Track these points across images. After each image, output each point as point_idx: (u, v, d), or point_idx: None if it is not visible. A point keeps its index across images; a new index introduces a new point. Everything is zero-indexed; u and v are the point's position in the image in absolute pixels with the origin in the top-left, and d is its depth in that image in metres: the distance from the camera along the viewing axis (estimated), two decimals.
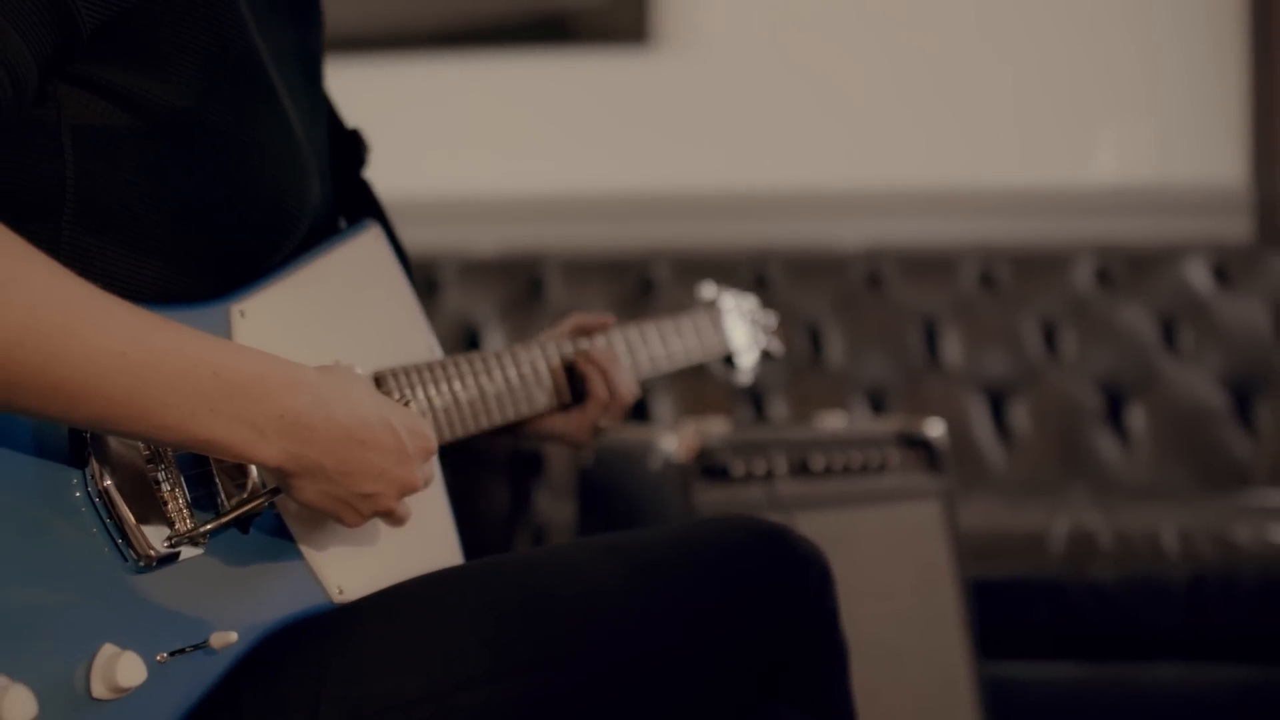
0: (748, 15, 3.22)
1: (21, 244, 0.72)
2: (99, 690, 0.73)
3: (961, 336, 2.94)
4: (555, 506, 2.00)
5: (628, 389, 1.18)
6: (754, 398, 2.88)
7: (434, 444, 0.90)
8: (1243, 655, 2.22)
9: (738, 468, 1.76)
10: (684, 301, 2.81)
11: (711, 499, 1.75)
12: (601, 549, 0.95)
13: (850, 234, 3.15)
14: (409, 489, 0.88)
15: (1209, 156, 3.14)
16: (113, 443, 0.79)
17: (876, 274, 3.03)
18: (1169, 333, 2.90)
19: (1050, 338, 2.93)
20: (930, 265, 3.04)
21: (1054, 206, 3.15)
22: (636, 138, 3.26)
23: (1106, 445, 2.81)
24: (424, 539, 0.96)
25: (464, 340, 2.95)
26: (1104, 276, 2.97)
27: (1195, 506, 2.46)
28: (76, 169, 0.83)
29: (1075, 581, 2.21)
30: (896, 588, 1.88)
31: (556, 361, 1.17)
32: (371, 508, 0.86)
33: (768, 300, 2.85)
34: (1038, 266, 3.01)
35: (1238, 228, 3.08)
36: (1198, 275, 2.93)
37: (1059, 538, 2.25)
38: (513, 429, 1.17)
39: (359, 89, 1.06)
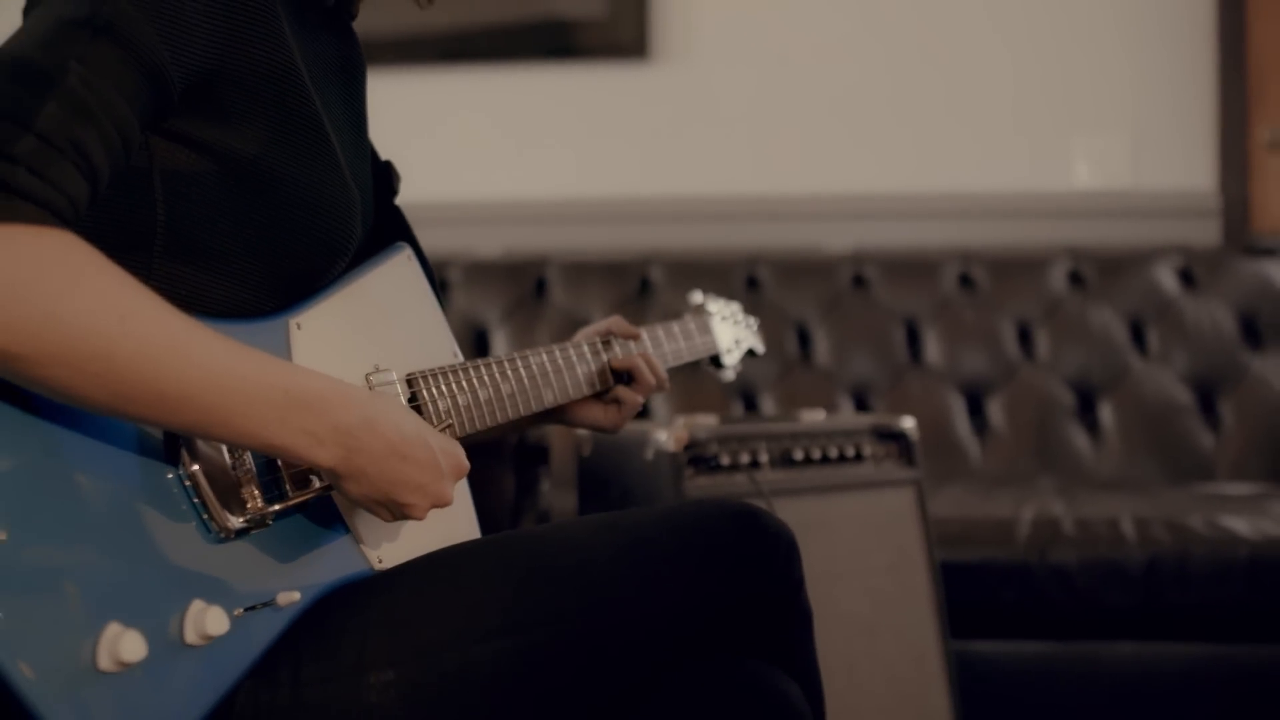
0: (740, 32, 3.25)
1: (135, 282, 0.86)
2: (191, 637, 0.87)
3: (942, 336, 2.97)
4: (558, 493, 2.07)
5: (663, 378, 1.39)
6: (745, 395, 2.92)
7: (466, 465, 1.03)
8: (1195, 634, 2.25)
9: (725, 458, 1.84)
10: (679, 301, 2.92)
11: (700, 486, 1.83)
12: (598, 525, 1.08)
13: (836, 238, 3.18)
14: (440, 503, 1.01)
15: (1179, 166, 3.14)
16: (200, 440, 0.94)
17: (861, 276, 3.05)
18: (1138, 333, 2.92)
19: (1026, 337, 2.96)
20: (912, 268, 3.06)
21: (1030, 212, 3.17)
22: (635, 146, 3.28)
23: (1078, 440, 2.84)
24: (449, 518, 1.10)
25: (470, 337, 3.00)
26: (1077, 279, 2.99)
27: (1154, 496, 2.50)
28: (166, 207, 0.97)
29: (1039, 565, 2.25)
30: (872, 568, 1.93)
31: (599, 356, 1.36)
32: (404, 514, 1.00)
33: (758, 301, 2.98)
34: (1014, 270, 3.03)
35: (1205, 233, 3.10)
36: (1166, 278, 2.96)
37: (1025, 524, 2.30)
38: (549, 418, 1.36)
39: (372, 100, 1.18)
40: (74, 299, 0.81)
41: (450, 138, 3.28)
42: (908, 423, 2.02)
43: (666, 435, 1.83)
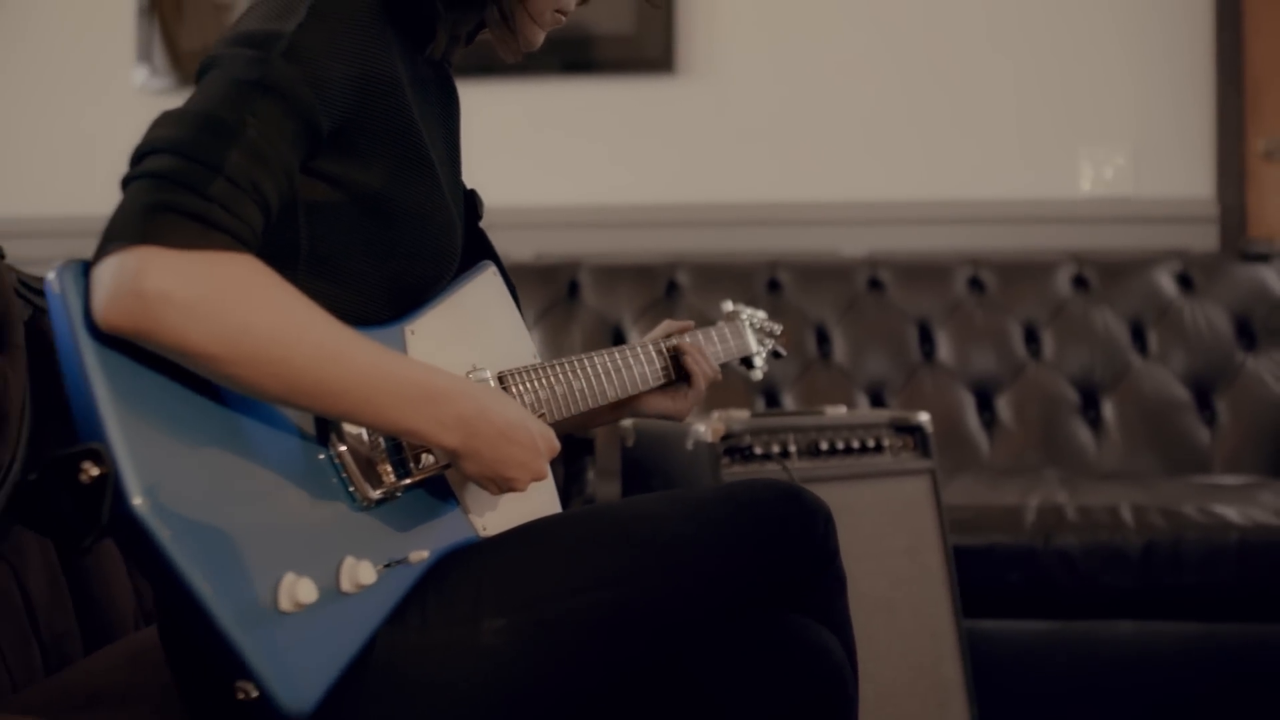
0: (761, 48, 3.35)
1: (304, 297, 1.03)
2: (346, 586, 1.04)
3: (953, 336, 3.05)
4: (602, 482, 2.22)
5: (716, 369, 1.56)
6: (768, 392, 3.03)
7: (558, 446, 1.20)
8: (1188, 614, 2.34)
9: (757, 448, 2.00)
10: (704, 303, 3.05)
11: (735, 474, 1.96)
12: (666, 499, 1.25)
13: (853, 243, 3.28)
14: (538, 478, 1.18)
15: (1178, 175, 3.22)
16: (344, 425, 1.11)
17: (877, 280, 3.12)
18: (1139, 334, 3.00)
19: (1032, 338, 3.03)
20: (925, 272, 3.13)
21: (1037, 219, 3.25)
22: (662, 156, 3.38)
23: (1082, 434, 2.93)
24: (537, 494, 1.28)
25: None
26: (1081, 283, 3.06)
27: (1151, 486, 2.58)
28: (309, 233, 1.14)
29: (1044, 549, 2.34)
30: (890, 551, 2.04)
31: (662, 354, 1.53)
32: (509, 487, 1.17)
33: (779, 303, 3.11)
34: (1021, 273, 3.09)
35: (1203, 239, 3.18)
36: (1165, 282, 3.03)
37: (1031, 511, 2.39)
38: (621, 408, 1.53)
39: None
40: (262, 312, 0.99)
41: (485, 146, 3.34)
42: (923, 417, 2.13)
43: (705, 428, 1.97)
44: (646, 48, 3.36)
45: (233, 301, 0.97)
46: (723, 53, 3.37)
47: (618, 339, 3.13)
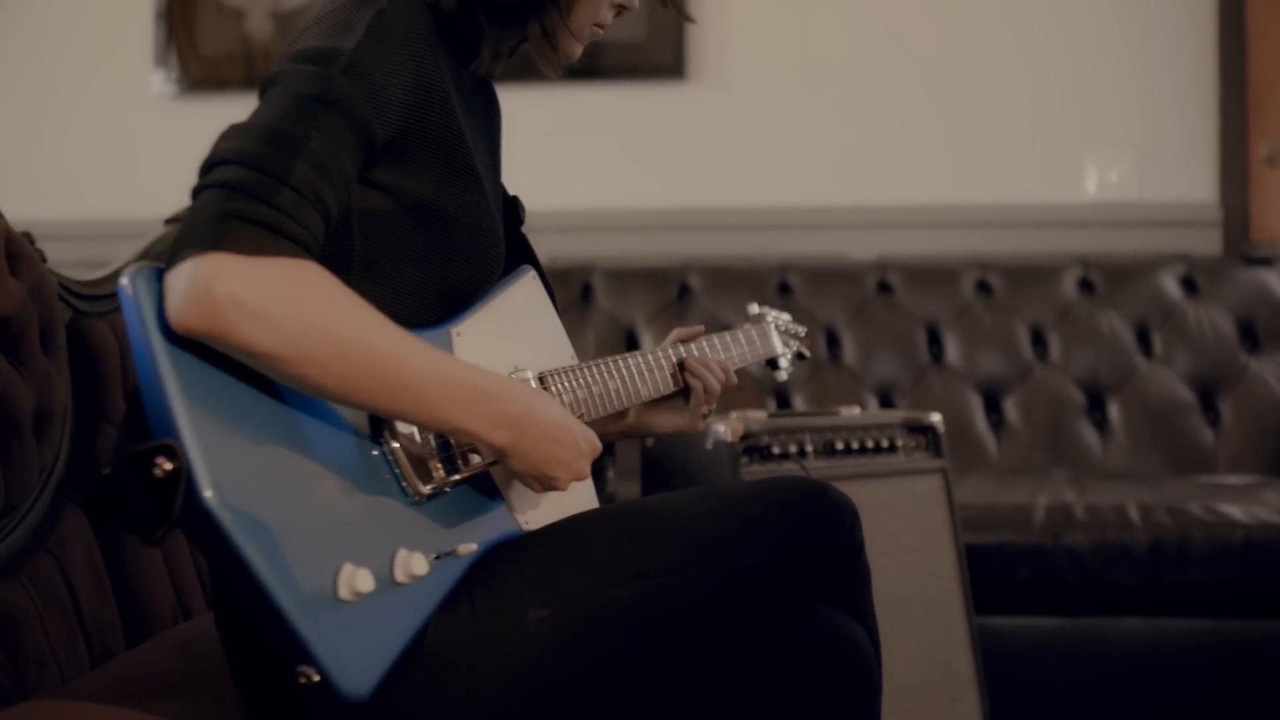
0: (771, 54, 3.38)
1: (364, 301, 1.08)
2: (400, 576, 1.09)
3: (961, 339, 3.08)
4: (622, 482, 2.25)
5: (722, 376, 1.57)
6: (779, 393, 3.07)
7: (599, 447, 1.25)
8: (1194, 610, 2.38)
9: (775, 447, 2.04)
10: (716, 306, 3.08)
11: (754, 473, 2.01)
12: (699, 495, 1.31)
13: (862, 247, 3.31)
14: (580, 477, 1.23)
15: (1182, 180, 3.25)
16: (397, 423, 1.16)
17: (886, 283, 3.16)
18: (1144, 336, 3.03)
19: (1039, 340, 3.07)
20: (933, 275, 3.17)
21: (1043, 223, 3.28)
22: (674, 160, 3.41)
23: (1088, 435, 2.97)
24: (577, 491, 1.33)
25: None
26: (1087, 286, 3.10)
27: (1157, 485, 2.63)
28: (361, 239, 1.19)
29: (1053, 547, 2.39)
30: (904, 547, 2.07)
31: (671, 360, 1.55)
32: (552, 485, 1.22)
33: (789, 306, 3.14)
34: (1028, 277, 3.13)
35: (1207, 243, 3.22)
36: (1170, 285, 3.07)
37: (1040, 509, 2.43)
38: (634, 426, 1.56)
39: None
40: (326, 315, 1.04)
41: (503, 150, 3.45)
42: (935, 418, 2.18)
43: (725, 428, 2.02)
44: (658, 54, 3.39)
45: (299, 305, 1.02)
46: (733, 59, 3.40)
47: (631, 341, 3.17)
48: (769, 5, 3.43)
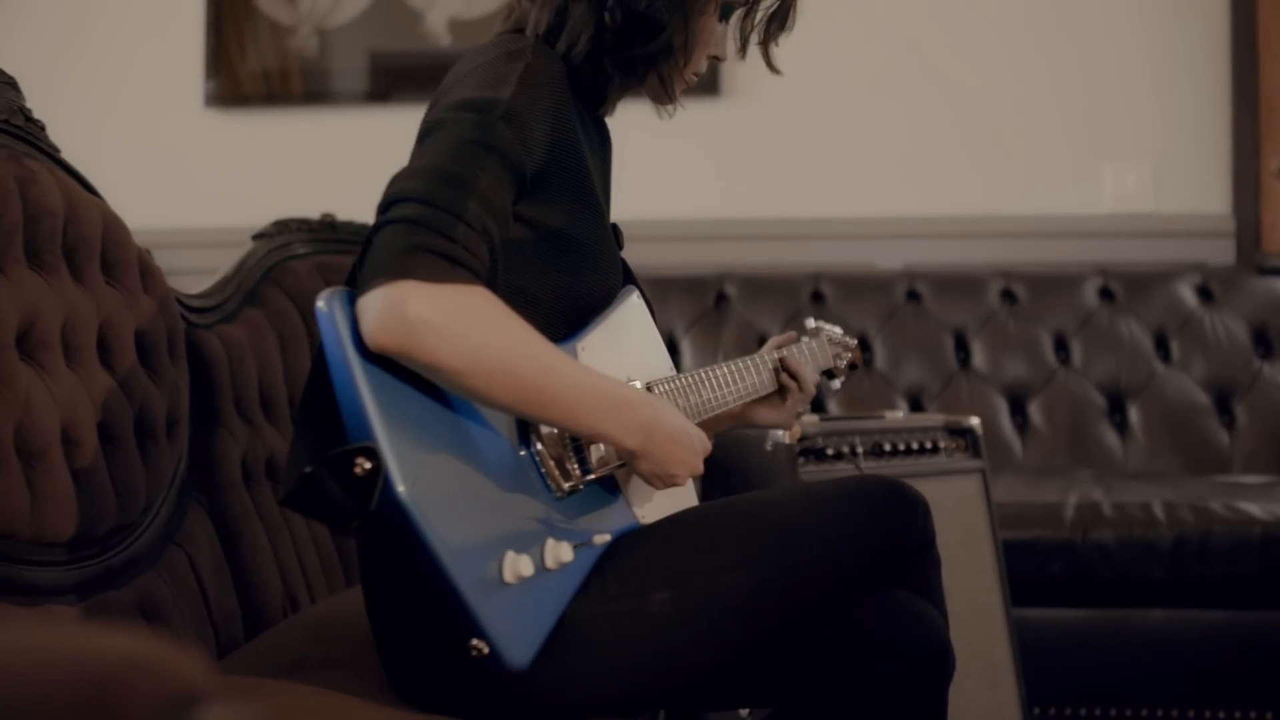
0: (803, 71, 3.33)
1: (524, 321, 1.21)
2: (549, 563, 1.23)
3: (987, 345, 3.17)
4: None
5: (813, 381, 1.73)
6: (814, 399, 3.15)
7: (710, 447, 1.39)
8: (1215, 602, 2.48)
9: (829, 449, 2.17)
10: (751, 314, 3.20)
11: (810, 473, 2.13)
12: (791, 492, 1.45)
13: (891, 257, 3.40)
14: (695, 475, 1.37)
15: (1197, 191, 3.33)
16: (540, 426, 1.30)
17: (915, 291, 3.25)
18: (1162, 343, 3.12)
19: (1062, 347, 3.16)
20: (960, 284, 3.25)
21: (1065, 234, 3.37)
22: (709, 173, 3.49)
23: (1109, 437, 3.07)
24: (683, 490, 1.47)
25: None
26: (1107, 294, 3.19)
27: (1179, 485, 2.72)
28: (504, 265, 1.33)
29: (1082, 543, 2.47)
30: (945, 543, 2.01)
31: (771, 364, 1.70)
32: (672, 483, 1.36)
33: (822, 314, 3.25)
34: (1051, 286, 3.21)
35: (1221, 253, 3.31)
36: (1186, 294, 3.16)
37: (1070, 507, 2.54)
38: (735, 419, 1.71)
39: None
40: (496, 334, 1.18)
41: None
42: (974, 421, 2.29)
43: (783, 431, 2.16)
44: None
45: (475, 326, 1.17)
46: (765, 76, 3.33)
47: (671, 347, 3.29)
48: (799, 24, 3.48)
